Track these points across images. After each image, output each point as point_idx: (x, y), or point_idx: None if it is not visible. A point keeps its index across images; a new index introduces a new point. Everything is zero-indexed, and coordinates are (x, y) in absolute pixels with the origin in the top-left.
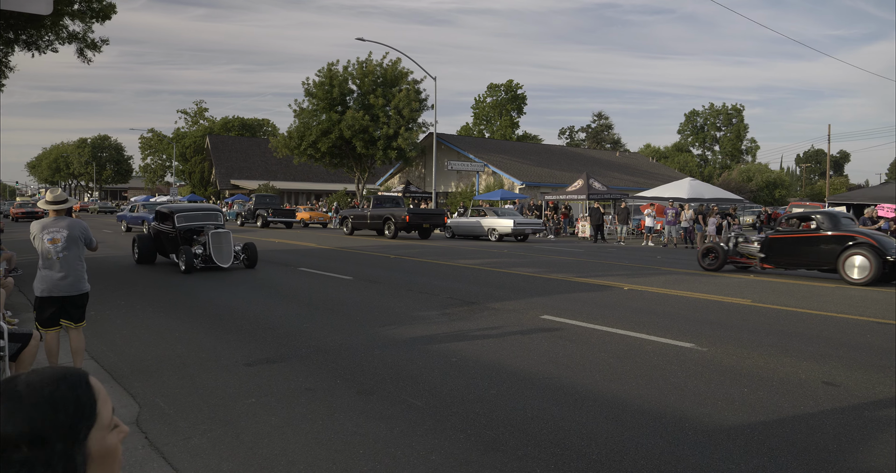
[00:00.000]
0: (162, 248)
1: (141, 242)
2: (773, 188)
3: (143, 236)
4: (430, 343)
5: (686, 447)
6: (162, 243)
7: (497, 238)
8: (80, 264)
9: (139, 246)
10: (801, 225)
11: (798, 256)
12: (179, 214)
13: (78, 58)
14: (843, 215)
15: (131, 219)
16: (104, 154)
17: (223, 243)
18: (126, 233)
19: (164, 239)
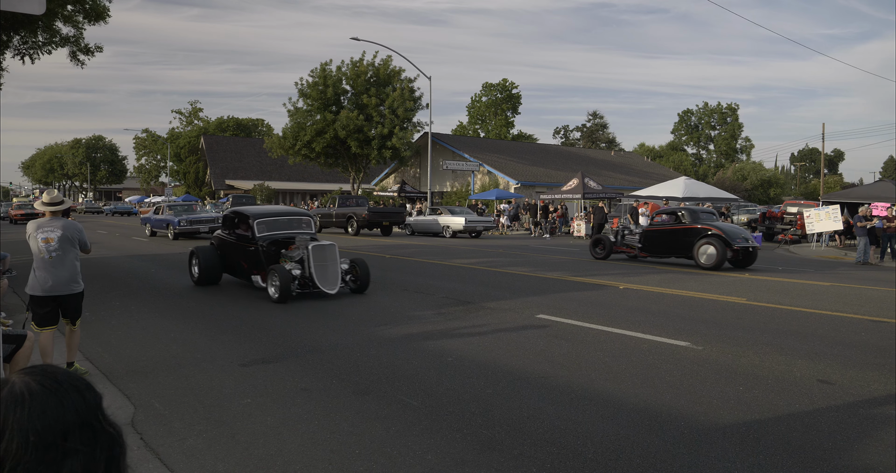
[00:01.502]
0: (232, 265)
1: (203, 257)
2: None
3: (204, 249)
4: (426, 343)
5: (681, 445)
6: (233, 258)
7: (451, 235)
8: (73, 264)
9: (201, 262)
10: (670, 219)
11: (666, 246)
12: (260, 220)
13: (71, 61)
14: (704, 210)
15: (156, 222)
16: (98, 155)
17: (328, 261)
18: (150, 238)
19: (238, 254)
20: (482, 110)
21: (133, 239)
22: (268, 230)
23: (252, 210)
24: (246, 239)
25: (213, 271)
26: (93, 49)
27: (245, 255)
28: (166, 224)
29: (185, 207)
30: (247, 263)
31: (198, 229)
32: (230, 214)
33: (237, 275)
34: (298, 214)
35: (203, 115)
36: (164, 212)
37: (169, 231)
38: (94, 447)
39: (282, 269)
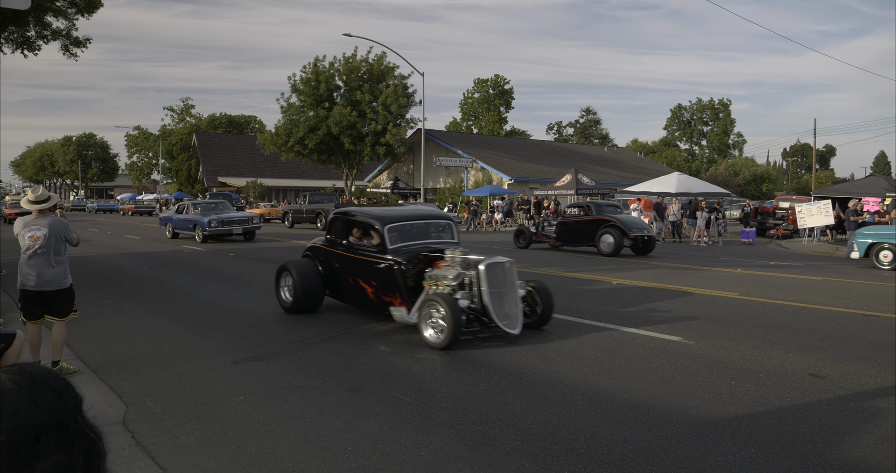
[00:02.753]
0: (343, 286)
1: (301, 275)
2: (759, 182)
3: (301, 265)
4: (419, 339)
5: (674, 439)
6: (346, 278)
7: None
8: (60, 260)
9: (298, 283)
10: (579, 212)
11: (576, 235)
12: (393, 225)
13: (63, 55)
14: (608, 204)
15: (180, 223)
16: (89, 152)
17: (507, 286)
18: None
19: (358, 272)
20: (475, 107)
21: (125, 237)
22: (402, 240)
23: (376, 212)
24: (370, 252)
25: (314, 295)
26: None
27: (370, 274)
28: (193, 225)
29: (213, 205)
30: (373, 285)
31: (230, 230)
32: (338, 216)
33: (352, 300)
34: (436, 216)
35: (195, 112)
36: (190, 211)
37: (196, 233)
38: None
39: (449, 299)
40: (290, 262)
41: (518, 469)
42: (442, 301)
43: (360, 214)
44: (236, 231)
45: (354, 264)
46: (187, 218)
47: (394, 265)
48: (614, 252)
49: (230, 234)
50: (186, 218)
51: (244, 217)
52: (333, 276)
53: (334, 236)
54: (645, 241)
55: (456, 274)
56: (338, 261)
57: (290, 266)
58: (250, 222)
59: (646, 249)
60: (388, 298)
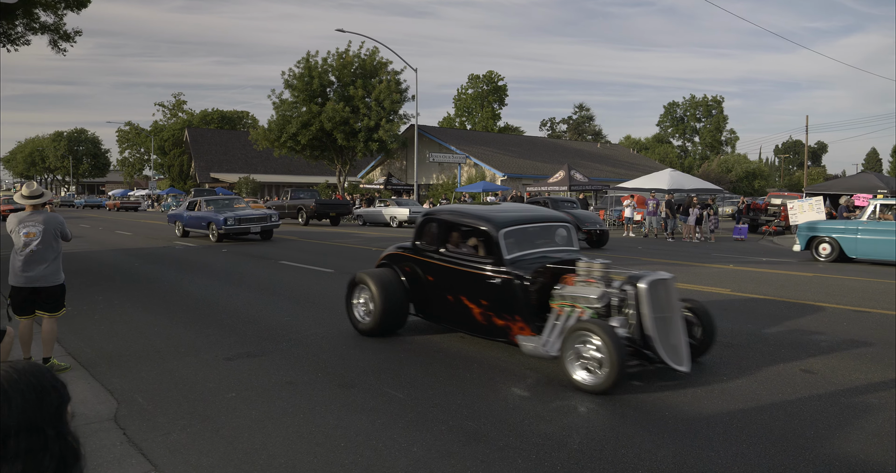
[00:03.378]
0: (437, 303)
1: (383, 290)
2: (752, 179)
3: (382, 277)
4: (412, 335)
5: (666, 435)
6: (444, 293)
7: (398, 224)
8: (55, 256)
9: (380, 299)
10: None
11: None
12: (509, 230)
13: (52, 49)
14: (565, 199)
15: (192, 220)
16: (81, 148)
17: (672, 310)
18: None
19: (463, 287)
20: (468, 103)
21: (116, 233)
22: (519, 249)
23: (484, 213)
24: (478, 263)
25: (398, 314)
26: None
27: (479, 290)
28: (207, 223)
29: (227, 202)
30: (482, 304)
31: (247, 228)
32: (432, 218)
33: (450, 321)
34: (553, 217)
35: (187, 107)
36: (202, 208)
37: (211, 232)
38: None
39: (608, 329)
40: (367, 274)
41: (511, 465)
42: (600, 331)
43: (462, 215)
44: (254, 230)
45: (456, 277)
46: (200, 215)
47: (514, 280)
48: None
49: (247, 233)
50: (199, 215)
51: (262, 215)
52: (424, 291)
53: (425, 242)
54: (598, 234)
55: (601, 293)
56: (432, 273)
57: (369, 279)
58: (268, 219)
59: (599, 242)
60: (503, 321)
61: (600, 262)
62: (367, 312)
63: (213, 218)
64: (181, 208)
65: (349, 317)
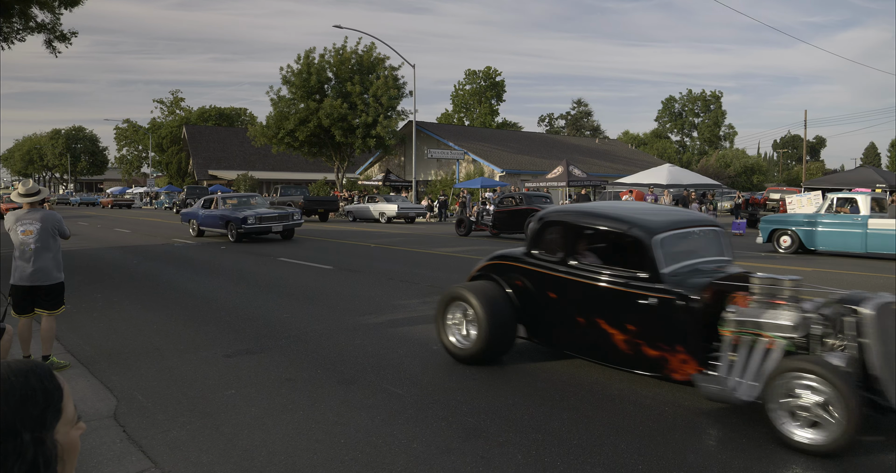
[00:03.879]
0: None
1: (489, 308)
2: (750, 174)
3: (486, 292)
4: (411, 332)
5: (666, 430)
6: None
7: (387, 220)
8: (54, 254)
9: (485, 319)
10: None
11: (509, 224)
12: (664, 236)
13: (46, 49)
14: (538, 195)
15: (208, 219)
16: (79, 145)
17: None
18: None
19: (600, 310)
20: (466, 99)
21: (115, 231)
22: (675, 261)
23: (626, 213)
24: (624, 279)
25: (506, 335)
26: (69, 36)
27: (625, 312)
28: (225, 222)
29: (245, 200)
30: (629, 330)
31: (269, 227)
32: (554, 221)
33: (581, 348)
34: (703, 220)
35: (185, 104)
36: (220, 206)
37: (229, 231)
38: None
39: (835, 370)
40: (467, 289)
41: (511, 461)
42: (826, 373)
43: (597, 217)
44: (275, 229)
45: (590, 295)
46: (218, 214)
47: (675, 301)
48: None
49: (268, 232)
50: (217, 214)
51: (284, 213)
52: (541, 311)
53: (545, 250)
54: None
55: (799, 320)
56: (554, 289)
57: (471, 295)
58: (290, 218)
59: None
60: (657, 351)
61: (787, 278)
62: (465, 335)
63: (232, 217)
64: (196, 206)
65: (441, 340)
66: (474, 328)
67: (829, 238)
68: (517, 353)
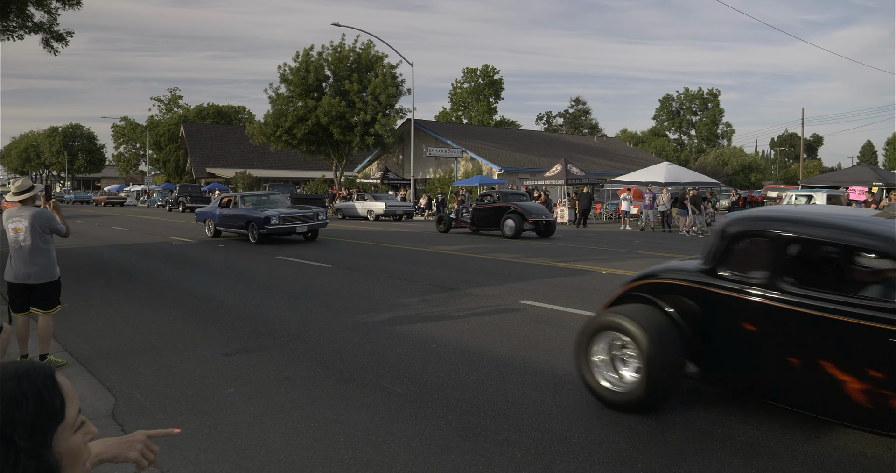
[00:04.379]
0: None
1: (655, 341)
2: (748, 172)
3: (650, 320)
4: (410, 330)
5: (666, 429)
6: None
7: (375, 218)
8: (45, 253)
9: (652, 355)
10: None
11: (487, 221)
12: None
13: (44, 48)
14: (514, 193)
15: (226, 219)
16: (76, 143)
17: None
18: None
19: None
20: (464, 97)
21: (112, 229)
22: None
23: (861, 222)
24: (872, 313)
25: (676, 371)
26: (65, 36)
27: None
28: (245, 222)
29: (265, 198)
30: (875, 381)
31: (293, 228)
32: (750, 230)
33: (789, 396)
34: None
35: (183, 102)
36: (239, 205)
37: (250, 232)
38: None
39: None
40: (625, 316)
41: (510, 460)
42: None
43: (829, 228)
44: (299, 229)
45: (815, 329)
46: (236, 214)
47: None
48: (515, 235)
49: (292, 233)
50: (235, 214)
51: (308, 213)
52: (728, 345)
53: (738, 269)
54: (545, 225)
55: None
56: (755, 319)
57: (629, 322)
58: (315, 218)
59: (547, 232)
60: None
61: None
62: (619, 378)
63: (254, 217)
64: (212, 204)
65: (585, 381)
66: (631, 367)
67: None
68: (514, 350)
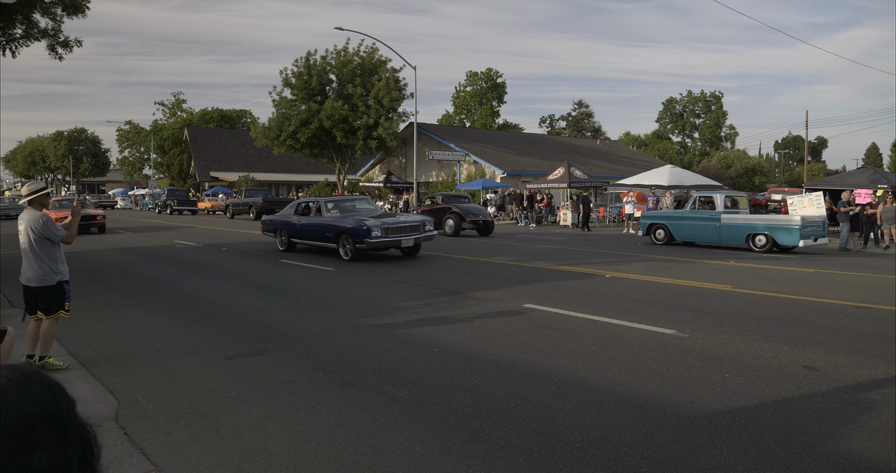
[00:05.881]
0: None
1: None
2: (752, 175)
3: None
4: (413, 333)
5: (668, 432)
6: None
7: None
8: (43, 256)
9: None
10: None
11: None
12: None
13: (49, 54)
14: (456, 195)
15: (305, 229)
16: (81, 147)
17: None
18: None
19: None
20: (467, 100)
21: (116, 232)
22: None
23: None
24: None
25: None
26: (72, 43)
27: None
28: (335, 233)
29: (352, 204)
30: None
31: (398, 241)
32: None
33: None
34: None
35: (186, 106)
36: (324, 211)
37: (342, 247)
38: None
39: None
40: None
41: (512, 464)
42: None
43: None
44: (405, 243)
45: None
46: (322, 223)
47: None
48: (455, 233)
49: (397, 246)
50: (320, 223)
51: (415, 223)
52: None
53: None
54: (483, 224)
55: None
56: None
57: None
58: (422, 228)
59: (486, 230)
60: None
61: None
62: None
63: (349, 228)
64: (286, 211)
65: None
66: None
67: (692, 231)
68: (516, 354)
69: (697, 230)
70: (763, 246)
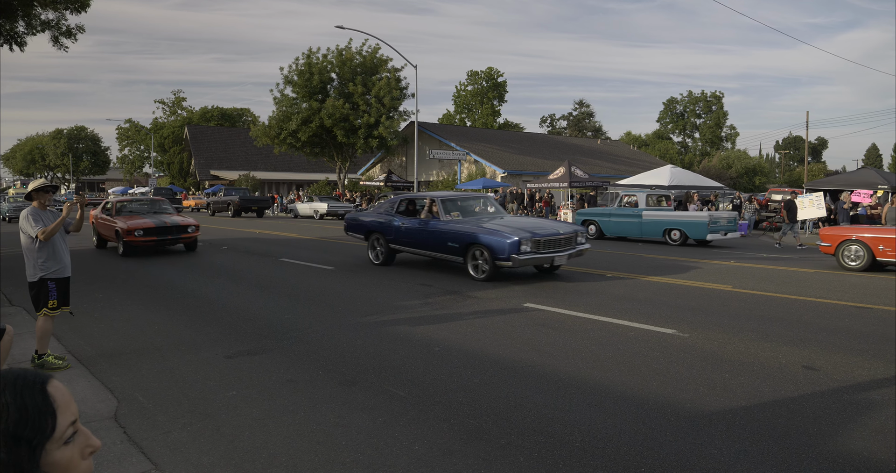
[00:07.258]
0: None
1: None
2: (752, 175)
3: None
4: (413, 333)
5: (668, 432)
6: None
7: (320, 217)
8: (28, 252)
9: None
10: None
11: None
12: None
13: (53, 46)
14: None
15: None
16: (81, 145)
17: None
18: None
19: None
20: (468, 99)
21: None
22: None
23: None
24: None
25: None
26: (74, 31)
27: None
28: (463, 244)
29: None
30: None
31: (551, 258)
32: None
33: None
34: None
35: (187, 104)
36: (442, 214)
37: (471, 261)
38: None
39: None
40: None
41: (513, 463)
42: None
43: None
44: (558, 262)
45: None
46: (440, 229)
47: None
48: None
49: (549, 263)
50: (437, 229)
51: (570, 233)
52: None
53: None
54: None
55: None
56: None
57: None
58: (574, 241)
59: None
60: None
61: None
62: None
63: (486, 239)
64: (381, 209)
65: None
66: None
67: (617, 227)
68: (516, 353)
69: (622, 226)
70: (677, 240)
